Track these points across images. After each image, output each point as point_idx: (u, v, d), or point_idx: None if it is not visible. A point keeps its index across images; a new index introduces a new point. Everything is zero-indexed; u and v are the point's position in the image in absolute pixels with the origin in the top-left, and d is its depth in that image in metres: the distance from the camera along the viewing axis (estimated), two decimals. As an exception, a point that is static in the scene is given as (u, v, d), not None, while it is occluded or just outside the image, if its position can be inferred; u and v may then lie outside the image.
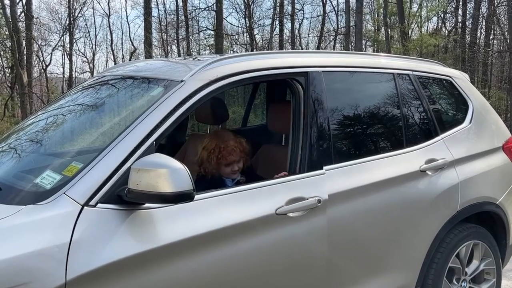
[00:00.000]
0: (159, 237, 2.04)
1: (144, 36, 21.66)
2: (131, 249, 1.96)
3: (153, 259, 2.01)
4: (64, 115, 2.91)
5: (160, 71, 2.80)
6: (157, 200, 1.97)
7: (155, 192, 1.92)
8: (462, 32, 22.84)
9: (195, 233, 2.12)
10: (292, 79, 2.65)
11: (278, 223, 2.36)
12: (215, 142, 2.83)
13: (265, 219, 2.33)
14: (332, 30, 25.82)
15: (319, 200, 2.47)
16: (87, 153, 2.32)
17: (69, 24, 24.17)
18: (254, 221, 2.30)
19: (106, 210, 1.97)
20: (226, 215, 2.23)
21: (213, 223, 2.18)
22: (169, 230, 2.07)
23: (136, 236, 1.99)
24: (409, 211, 2.86)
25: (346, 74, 2.92)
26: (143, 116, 2.18)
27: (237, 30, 25.10)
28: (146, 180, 1.92)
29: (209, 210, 2.21)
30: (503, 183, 3.44)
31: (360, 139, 2.99)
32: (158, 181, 1.92)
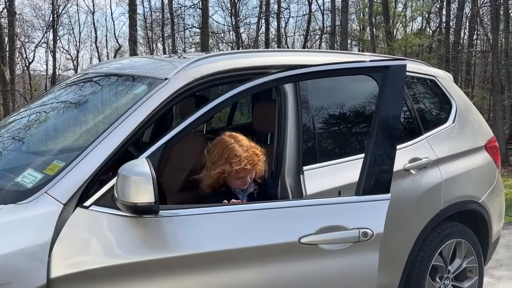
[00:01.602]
0: (153, 249, 1.95)
1: (129, 33, 21.49)
2: (123, 258, 1.91)
3: (143, 272, 1.93)
4: (47, 113, 2.87)
5: (144, 68, 2.77)
6: (123, 209, 1.88)
7: (121, 200, 1.84)
8: (446, 32, 23.08)
9: (197, 250, 1.99)
10: None
11: (303, 254, 2.11)
12: (224, 150, 2.39)
13: (285, 248, 2.09)
14: (318, 29, 25.88)
15: (366, 233, 2.16)
16: (69, 151, 2.29)
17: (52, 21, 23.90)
18: (269, 248, 2.06)
19: (99, 213, 1.93)
20: (235, 235, 2.05)
21: (218, 242, 2.02)
22: (164, 243, 1.98)
23: (130, 245, 1.93)
24: (392, 209, 2.86)
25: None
26: (127, 114, 2.15)
27: (223, 28, 25.05)
28: (118, 186, 1.86)
29: (215, 227, 2.05)
30: (486, 182, 3.48)
31: (342, 138, 3.00)
32: (124, 189, 1.83)
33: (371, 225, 2.19)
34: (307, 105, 2.66)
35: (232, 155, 2.35)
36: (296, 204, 2.23)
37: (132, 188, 1.81)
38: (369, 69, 2.46)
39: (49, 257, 1.82)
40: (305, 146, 2.58)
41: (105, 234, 1.92)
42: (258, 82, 2.29)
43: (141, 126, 2.13)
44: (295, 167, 2.53)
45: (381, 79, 2.36)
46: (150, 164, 1.86)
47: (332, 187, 2.57)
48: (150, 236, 1.96)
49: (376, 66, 2.42)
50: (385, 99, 2.32)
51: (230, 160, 2.34)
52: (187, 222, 2.02)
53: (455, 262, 3.28)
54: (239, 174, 2.36)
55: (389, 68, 2.35)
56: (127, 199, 1.82)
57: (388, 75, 2.34)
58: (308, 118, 2.64)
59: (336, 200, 2.25)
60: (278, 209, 2.15)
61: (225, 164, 2.34)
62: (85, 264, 1.87)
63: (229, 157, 2.35)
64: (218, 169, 2.36)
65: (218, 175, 2.37)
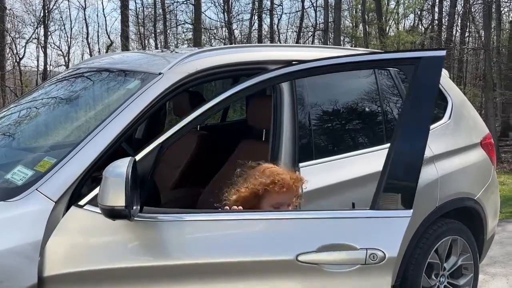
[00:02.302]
0: (148, 254, 1.88)
1: (121, 29, 21.34)
2: (116, 261, 1.84)
3: (136, 277, 1.86)
4: (37, 109, 2.82)
5: (137, 63, 2.73)
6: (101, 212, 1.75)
7: (99, 203, 1.72)
8: (438, 29, 23.13)
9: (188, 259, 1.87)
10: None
11: (301, 274, 1.87)
12: (265, 169, 2.12)
13: (280, 265, 1.87)
14: (310, 26, 25.84)
15: (374, 255, 1.85)
16: (61, 148, 2.24)
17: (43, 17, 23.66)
18: (261, 264, 1.86)
19: (94, 213, 1.86)
20: (225, 246, 1.90)
21: (209, 253, 1.89)
22: (160, 248, 1.89)
23: (124, 248, 1.86)
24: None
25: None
26: (120, 109, 2.11)
27: (215, 25, 24.95)
28: (99, 188, 1.75)
29: (209, 236, 1.92)
30: (481, 178, 3.47)
31: (338, 135, 2.97)
32: (102, 191, 1.70)
33: (383, 246, 1.88)
34: (303, 101, 2.62)
35: (276, 174, 2.06)
36: (297, 216, 1.99)
37: (107, 190, 1.68)
38: (397, 61, 2.15)
39: (40, 256, 1.77)
40: (301, 142, 2.54)
41: (99, 235, 1.87)
42: (271, 75, 2.12)
43: (135, 122, 2.09)
44: (291, 163, 2.49)
45: (412, 73, 2.02)
46: (131, 165, 1.71)
47: (328, 183, 2.55)
48: (145, 240, 1.89)
49: (405, 57, 2.10)
50: (413, 98, 1.99)
51: (274, 177, 2.03)
52: (182, 228, 1.93)
53: (451, 259, 3.27)
54: (279, 196, 2.01)
55: (420, 60, 2.01)
56: (102, 201, 1.69)
57: (419, 68, 1.99)
58: (304, 115, 2.61)
59: (347, 214, 1.99)
60: (276, 220, 1.95)
61: (267, 180, 2.03)
62: (77, 265, 1.82)
63: (272, 175, 2.05)
64: (257, 182, 2.03)
65: (255, 190, 2.02)
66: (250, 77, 2.10)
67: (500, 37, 21.99)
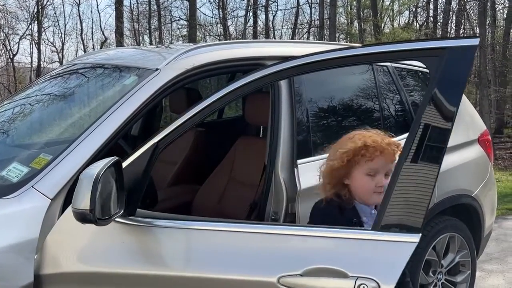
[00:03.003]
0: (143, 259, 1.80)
1: (115, 25, 21.24)
2: (112, 265, 1.79)
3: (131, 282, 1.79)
4: (32, 105, 2.79)
5: (133, 59, 2.70)
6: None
7: (72, 206, 1.62)
8: (433, 26, 23.16)
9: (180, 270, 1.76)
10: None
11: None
12: (356, 135, 1.88)
13: (260, 287, 1.66)
14: (306, 22, 25.82)
15: (365, 286, 1.55)
16: (56, 144, 2.21)
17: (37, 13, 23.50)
18: (239, 284, 1.67)
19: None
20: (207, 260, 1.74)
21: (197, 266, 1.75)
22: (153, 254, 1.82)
23: (120, 252, 1.80)
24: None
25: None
26: (116, 106, 2.08)
27: (210, 21, 24.87)
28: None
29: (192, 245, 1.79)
30: (479, 175, 3.46)
31: (337, 131, 2.95)
32: (75, 193, 1.60)
33: (379, 276, 1.57)
34: (301, 97, 2.60)
35: (368, 137, 1.83)
36: (285, 231, 1.78)
37: (78, 193, 1.59)
38: (416, 52, 1.75)
39: (36, 254, 1.74)
40: (299, 139, 2.52)
41: (96, 236, 1.83)
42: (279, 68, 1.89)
43: (132, 118, 2.06)
44: (289, 160, 2.47)
45: (434, 66, 1.66)
46: (106, 167, 1.60)
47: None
48: (136, 244, 1.82)
49: (427, 48, 1.71)
50: (434, 97, 1.62)
51: (365, 140, 1.81)
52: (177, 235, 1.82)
53: (448, 256, 3.26)
54: (373, 162, 1.79)
55: (445, 51, 1.63)
56: (73, 204, 1.60)
57: (444, 61, 1.62)
58: (302, 111, 2.59)
59: (341, 233, 1.69)
60: (259, 235, 1.74)
61: (357, 144, 1.81)
62: (74, 264, 1.79)
63: (363, 139, 1.82)
64: (347, 148, 1.82)
65: (344, 158, 1.80)
66: (250, 72, 1.96)
67: (495, 34, 22.05)
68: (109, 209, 1.65)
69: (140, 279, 1.79)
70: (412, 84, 3.47)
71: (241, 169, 3.12)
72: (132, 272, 1.78)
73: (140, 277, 1.78)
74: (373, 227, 1.65)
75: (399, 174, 1.61)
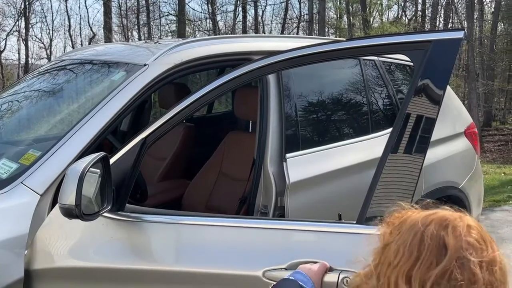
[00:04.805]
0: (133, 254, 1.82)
1: (104, 21, 21.09)
2: (102, 260, 1.81)
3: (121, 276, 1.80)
4: (20, 102, 2.78)
5: (121, 55, 2.69)
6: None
7: (58, 201, 1.62)
8: (422, 20, 23.28)
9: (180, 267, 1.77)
10: None
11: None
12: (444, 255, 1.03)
13: (245, 281, 1.67)
14: (295, 17, 25.83)
15: (348, 280, 1.51)
16: (45, 140, 2.22)
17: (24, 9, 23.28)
18: (224, 278, 1.70)
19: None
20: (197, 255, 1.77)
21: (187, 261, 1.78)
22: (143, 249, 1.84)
23: (111, 246, 1.82)
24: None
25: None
26: (105, 101, 2.08)
27: (199, 16, 24.78)
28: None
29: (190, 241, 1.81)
30: (465, 167, 3.51)
31: (325, 125, 2.98)
32: (62, 188, 1.61)
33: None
34: (289, 92, 2.62)
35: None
36: (269, 225, 1.79)
37: (63, 188, 1.60)
38: (402, 45, 1.75)
39: (26, 250, 1.75)
40: (287, 133, 2.54)
41: (86, 232, 1.85)
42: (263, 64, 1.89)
43: (121, 114, 2.07)
44: (278, 154, 2.49)
45: (418, 59, 1.65)
46: (92, 163, 1.61)
47: (316, 174, 2.56)
48: (125, 239, 1.84)
49: (412, 41, 1.70)
50: (419, 89, 1.62)
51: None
52: (165, 230, 1.85)
53: (436, 247, 3.30)
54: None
55: (431, 44, 1.63)
56: (59, 199, 1.61)
57: (429, 54, 1.62)
58: (291, 105, 2.61)
59: (328, 227, 1.70)
60: (247, 229, 1.77)
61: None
62: (62, 260, 1.80)
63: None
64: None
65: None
66: (238, 67, 1.98)
67: (482, 28, 22.21)
68: (95, 205, 1.65)
69: (130, 274, 1.80)
70: (399, 78, 3.51)
71: (231, 164, 3.13)
72: (121, 267, 1.79)
73: (129, 271, 1.80)
74: (357, 220, 1.65)
75: (383, 166, 1.62)
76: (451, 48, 1.64)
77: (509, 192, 7.67)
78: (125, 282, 1.82)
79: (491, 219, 6.03)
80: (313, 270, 1.50)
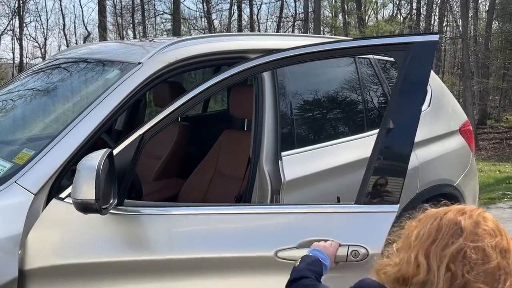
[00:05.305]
0: (129, 247, 1.84)
1: (98, 20, 21.03)
2: (97, 255, 1.81)
3: (118, 270, 1.82)
4: (14, 101, 2.76)
5: (115, 53, 2.68)
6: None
7: (71, 196, 1.67)
8: (417, 18, 23.33)
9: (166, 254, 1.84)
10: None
11: (280, 272, 1.66)
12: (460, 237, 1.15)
13: (259, 262, 1.81)
14: (290, 16, 25.83)
15: (356, 253, 1.75)
16: (39, 140, 2.20)
17: (18, 8, 23.18)
18: (239, 260, 1.81)
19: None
20: (206, 241, 1.86)
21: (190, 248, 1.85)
22: (141, 241, 1.86)
23: (105, 241, 1.83)
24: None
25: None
26: (98, 100, 2.07)
27: (194, 15, 24.75)
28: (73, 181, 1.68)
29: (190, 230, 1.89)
30: (460, 165, 3.51)
31: (320, 124, 2.97)
32: (74, 184, 1.65)
33: (367, 243, 1.77)
34: (284, 90, 2.62)
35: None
36: (277, 210, 1.97)
37: (78, 183, 1.63)
38: (387, 46, 2.00)
39: (20, 249, 1.74)
40: (283, 131, 2.54)
41: (80, 228, 1.84)
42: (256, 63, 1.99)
43: (115, 112, 2.06)
44: (273, 153, 2.49)
45: (402, 59, 1.89)
46: (105, 158, 1.65)
47: (311, 172, 2.55)
48: (127, 233, 1.86)
49: (395, 43, 1.95)
50: (402, 87, 1.86)
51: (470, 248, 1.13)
52: (162, 222, 1.90)
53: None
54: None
55: (411, 46, 1.87)
56: (74, 195, 1.64)
57: (410, 54, 1.86)
58: (286, 104, 2.61)
59: (329, 209, 1.90)
60: (256, 215, 1.90)
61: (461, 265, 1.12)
62: (58, 258, 1.80)
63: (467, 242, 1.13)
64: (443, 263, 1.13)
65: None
66: (234, 65, 2.03)
67: (477, 26, 22.29)
68: (109, 199, 1.70)
69: (135, 266, 1.83)
70: (394, 76, 3.51)
71: (226, 162, 3.13)
72: (127, 259, 1.82)
73: (135, 263, 1.83)
74: (356, 201, 1.84)
75: (376, 156, 1.83)
76: (430, 49, 1.89)
77: (504, 189, 7.70)
78: (131, 274, 1.84)
79: (486, 217, 6.05)
80: (327, 247, 1.71)
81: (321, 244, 1.72)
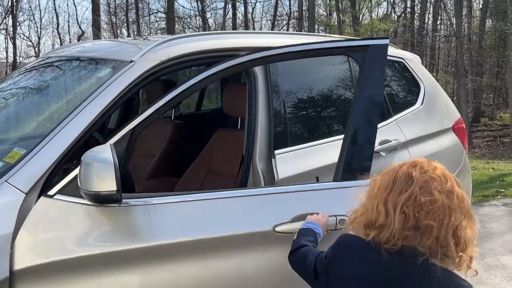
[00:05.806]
0: (122, 238, 1.87)
1: (92, 18, 20.97)
2: (89, 248, 1.82)
3: (111, 263, 1.85)
4: (6, 99, 2.75)
5: (108, 51, 2.67)
6: (86, 198, 1.78)
7: (83, 189, 1.74)
8: (411, 17, 23.39)
9: (167, 240, 1.91)
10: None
11: (278, 244, 2.04)
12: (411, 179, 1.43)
13: (259, 237, 2.04)
14: (285, 14, 25.83)
15: (343, 221, 2.07)
16: (30, 138, 2.19)
17: (11, 6, 23.07)
18: (242, 237, 2.01)
19: (64, 202, 1.84)
20: (207, 224, 1.99)
21: (189, 232, 1.96)
22: (146, 231, 1.91)
23: (97, 235, 1.85)
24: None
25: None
26: (90, 99, 2.06)
27: (189, 13, 24.70)
28: (81, 174, 1.75)
29: (186, 216, 1.99)
30: (453, 163, 3.51)
31: (313, 122, 2.97)
32: (86, 177, 1.72)
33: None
34: (278, 88, 2.61)
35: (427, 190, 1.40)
36: (270, 191, 2.17)
37: (94, 176, 1.71)
38: (348, 48, 2.39)
39: (11, 248, 1.73)
40: (276, 130, 2.54)
41: (71, 224, 1.84)
42: (232, 63, 2.17)
43: (106, 111, 2.05)
44: (266, 151, 2.49)
45: (361, 59, 2.29)
46: (114, 151, 1.75)
47: (304, 170, 2.55)
48: (118, 225, 1.88)
49: (355, 45, 2.35)
50: (364, 81, 2.25)
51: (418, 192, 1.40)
52: (156, 211, 1.94)
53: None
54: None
55: (368, 48, 2.28)
56: (89, 187, 1.72)
57: (368, 55, 2.27)
58: (279, 102, 2.60)
59: (313, 187, 2.22)
60: (252, 197, 2.10)
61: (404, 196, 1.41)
62: (50, 255, 1.79)
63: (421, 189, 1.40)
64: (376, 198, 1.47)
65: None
66: (221, 61, 2.16)
67: (471, 25, 22.36)
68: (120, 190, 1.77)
69: (138, 253, 1.86)
70: (388, 74, 3.51)
71: (220, 161, 3.13)
72: (129, 248, 1.86)
73: (137, 251, 1.86)
74: (333, 179, 2.21)
75: (348, 140, 2.20)
76: (382, 51, 2.31)
77: (497, 187, 7.74)
78: (128, 264, 1.87)
79: (480, 214, 6.07)
80: (319, 218, 2.01)
81: (314, 217, 2.02)
